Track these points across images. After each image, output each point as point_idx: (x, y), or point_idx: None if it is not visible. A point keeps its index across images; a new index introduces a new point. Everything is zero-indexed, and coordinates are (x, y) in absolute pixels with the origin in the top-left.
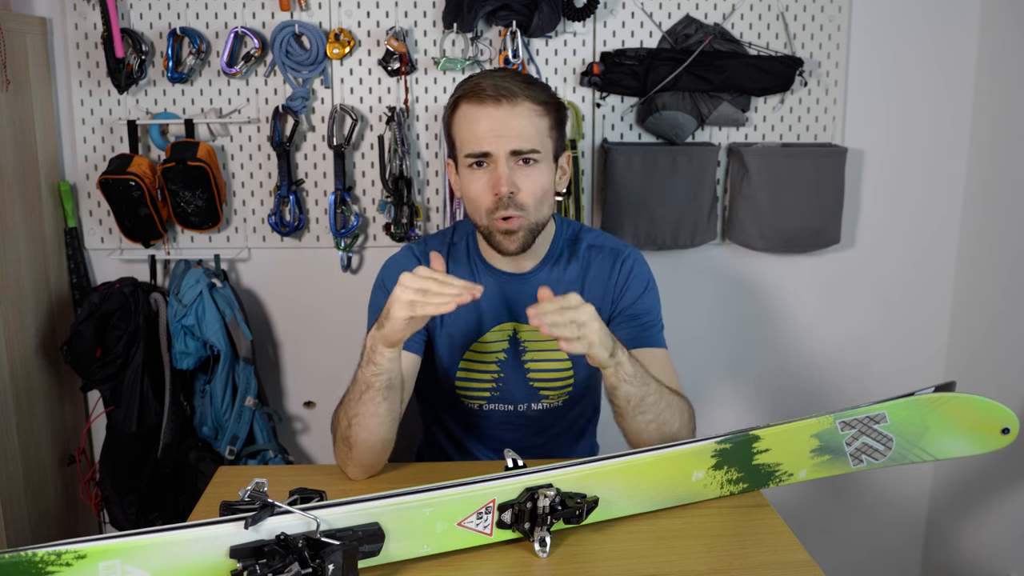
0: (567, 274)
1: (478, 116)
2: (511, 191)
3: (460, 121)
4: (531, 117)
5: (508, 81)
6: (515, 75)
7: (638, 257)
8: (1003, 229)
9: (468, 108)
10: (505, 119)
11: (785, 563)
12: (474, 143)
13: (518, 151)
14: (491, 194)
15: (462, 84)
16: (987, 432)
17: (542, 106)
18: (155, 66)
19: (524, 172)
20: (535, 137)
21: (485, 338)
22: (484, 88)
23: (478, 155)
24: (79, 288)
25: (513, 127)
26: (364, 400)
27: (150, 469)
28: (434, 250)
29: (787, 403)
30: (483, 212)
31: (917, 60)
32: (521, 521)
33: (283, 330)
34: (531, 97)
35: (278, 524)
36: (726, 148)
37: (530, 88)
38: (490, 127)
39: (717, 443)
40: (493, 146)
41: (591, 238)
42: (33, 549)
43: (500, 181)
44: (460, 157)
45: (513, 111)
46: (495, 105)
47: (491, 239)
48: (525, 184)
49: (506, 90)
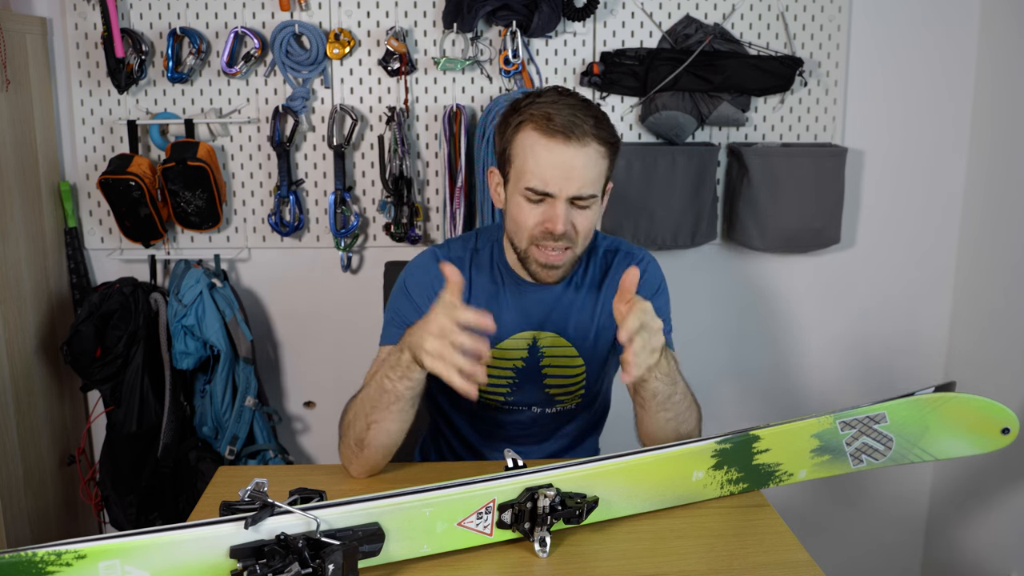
0: (586, 281)
1: (545, 150)
2: (565, 230)
3: (523, 147)
4: (596, 159)
5: (579, 116)
6: (586, 108)
7: (651, 260)
8: (1003, 229)
9: (535, 137)
10: (572, 160)
11: (785, 563)
12: (538, 179)
13: (579, 196)
14: (542, 227)
15: (529, 105)
16: (987, 432)
17: (607, 147)
18: (155, 66)
19: (580, 213)
20: (597, 181)
21: (504, 344)
22: (554, 121)
23: (540, 193)
24: (79, 288)
25: (578, 171)
26: (393, 410)
27: (150, 469)
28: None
29: (787, 403)
30: (526, 237)
31: (917, 60)
32: (521, 521)
33: (283, 330)
34: (598, 137)
35: (278, 524)
36: (726, 148)
37: (598, 127)
38: (556, 167)
39: (717, 443)
40: (556, 188)
41: (607, 243)
42: (33, 549)
43: (557, 221)
44: (515, 182)
45: (581, 152)
46: (564, 143)
47: (527, 265)
48: (580, 224)
49: (578, 129)
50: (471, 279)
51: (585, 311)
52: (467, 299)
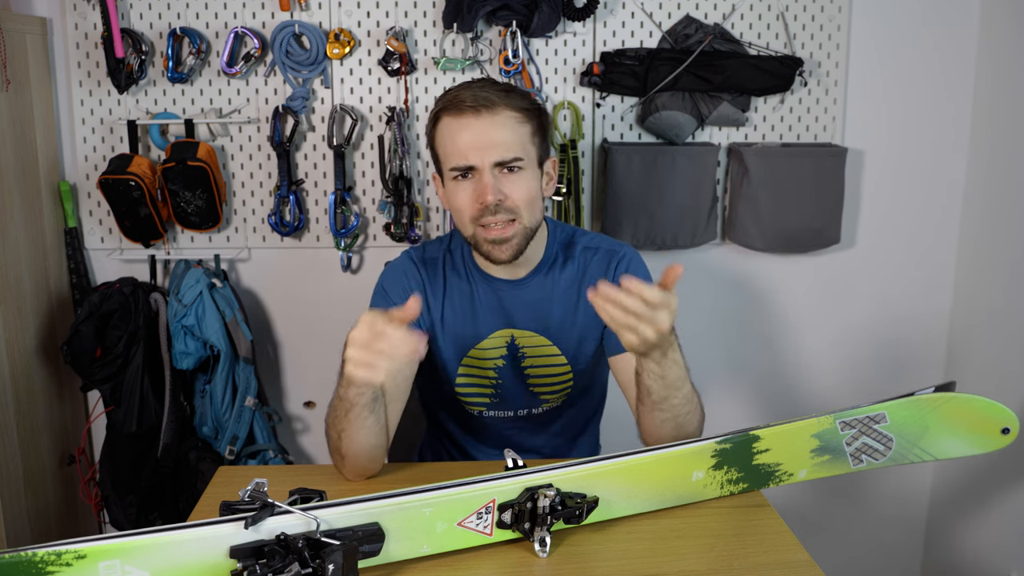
0: (563, 278)
1: (459, 128)
2: (498, 199)
3: (442, 135)
4: (512, 125)
5: (487, 91)
6: (493, 84)
7: (634, 256)
8: (1003, 229)
9: (449, 121)
10: (486, 129)
11: (785, 563)
12: (457, 156)
13: (501, 161)
14: (476, 203)
15: (441, 98)
16: (987, 432)
17: (522, 112)
18: (155, 66)
19: (509, 179)
20: (517, 145)
21: (483, 345)
22: (463, 100)
23: (462, 168)
24: (79, 288)
25: (494, 137)
26: (351, 417)
27: (150, 469)
28: (430, 263)
29: (787, 403)
30: (468, 221)
31: (917, 60)
32: (521, 521)
33: (283, 330)
34: (510, 105)
35: (278, 524)
36: (726, 148)
37: (509, 96)
38: (471, 139)
39: (717, 443)
40: (476, 159)
41: (586, 240)
42: (33, 549)
43: (486, 191)
44: (445, 171)
45: (493, 120)
46: (475, 116)
47: (479, 248)
48: (512, 191)
49: (485, 100)
50: (446, 280)
51: (566, 310)
52: (443, 300)
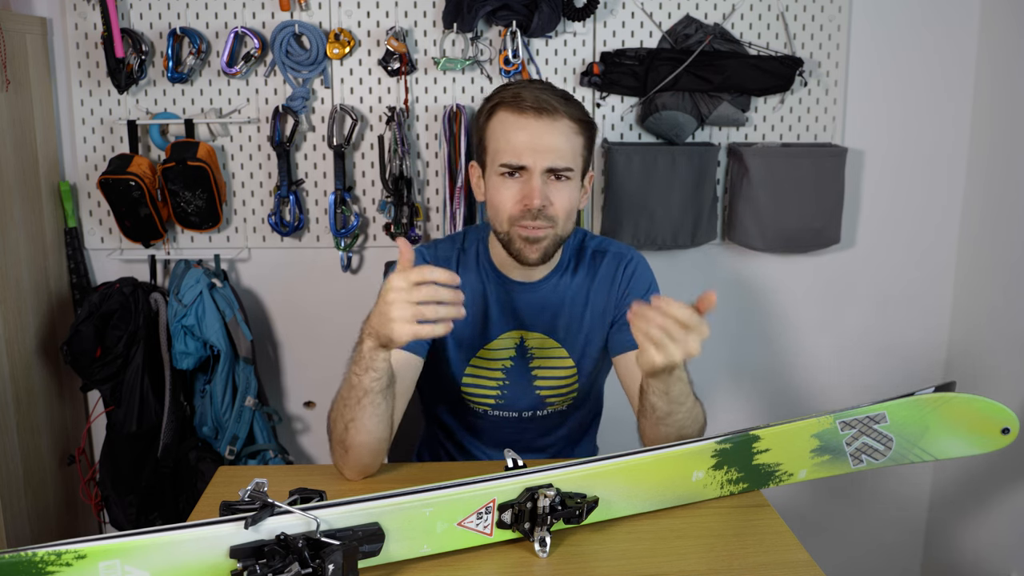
0: (574, 282)
1: (517, 127)
2: (543, 204)
3: (496, 128)
4: (568, 134)
5: (548, 95)
6: (554, 89)
7: (640, 260)
8: (1003, 229)
9: (506, 116)
10: (544, 133)
11: (785, 563)
12: (511, 154)
13: (553, 168)
14: (520, 205)
15: (500, 91)
16: (987, 432)
17: (579, 124)
18: (155, 66)
19: (556, 187)
20: (570, 155)
21: (492, 345)
22: (525, 99)
23: (514, 167)
24: (79, 288)
25: (551, 143)
26: (364, 404)
27: (150, 469)
28: (443, 262)
29: (787, 403)
30: (505, 219)
31: (917, 60)
32: (521, 521)
33: (283, 330)
34: (570, 114)
35: (278, 524)
36: (726, 148)
37: (568, 104)
38: (528, 140)
39: (717, 443)
40: (530, 160)
41: (595, 244)
42: (33, 549)
43: (533, 194)
44: (492, 164)
45: (552, 126)
46: (535, 117)
47: (511, 246)
48: (557, 199)
49: (547, 104)
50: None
51: (574, 313)
52: None
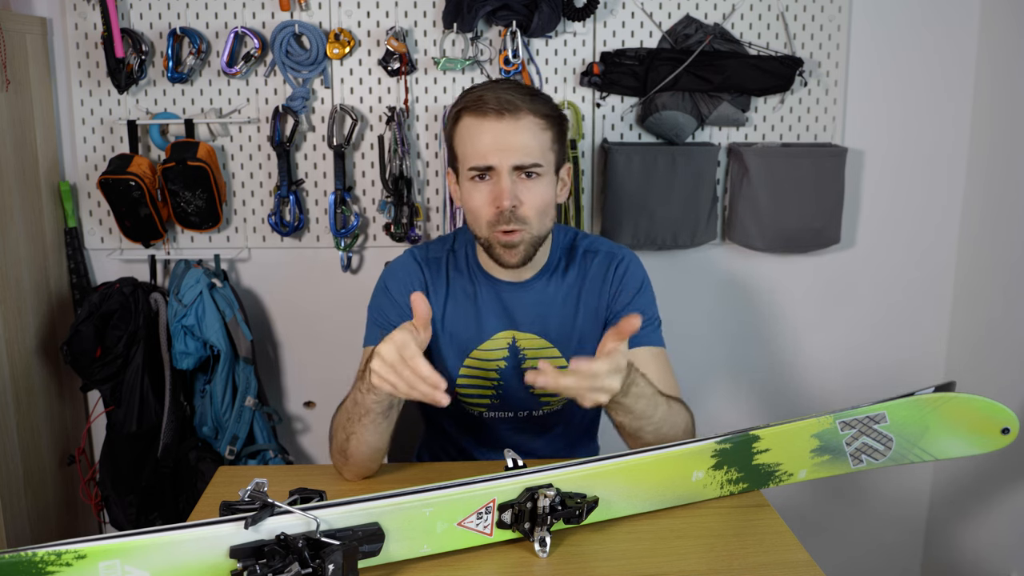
0: (565, 282)
1: (481, 129)
2: (513, 205)
3: (463, 134)
4: (534, 131)
5: (511, 94)
6: (518, 87)
7: (632, 259)
8: (1003, 229)
9: (470, 121)
10: (508, 133)
11: (785, 563)
12: (477, 157)
13: (521, 165)
14: (493, 207)
15: (464, 96)
16: (987, 432)
17: (545, 119)
18: (155, 66)
19: (526, 186)
20: (537, 151)
21: (485, 346)
22: (487, 101)
23: (481, 169)
24: (79, 288)
25: (516, 141)
26: (365, 423)
27: (150, 469)
28: (434, 263)
29: (787, 403)
30: (484, 224)
31: (917, 60)
32: (521, 521)
33: (283, 330)
34: (534, 111)
35: (278, 524)
36: (726, 148)
37: (533, 101)
38: (493, 141)
39: (717, 443)
40: (496, 160)
41: (586, 244)
42: (33, 549)
43: (503, 195)
44: (462, 169)
45: (516, 125)
46: (498, 118)
47: (491, 251)
48: (527, 198)
49: (509, 103)
50: (449, 280)
51: (566, 313)
52: (445, 300)
